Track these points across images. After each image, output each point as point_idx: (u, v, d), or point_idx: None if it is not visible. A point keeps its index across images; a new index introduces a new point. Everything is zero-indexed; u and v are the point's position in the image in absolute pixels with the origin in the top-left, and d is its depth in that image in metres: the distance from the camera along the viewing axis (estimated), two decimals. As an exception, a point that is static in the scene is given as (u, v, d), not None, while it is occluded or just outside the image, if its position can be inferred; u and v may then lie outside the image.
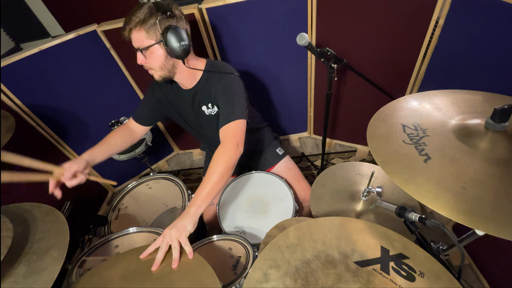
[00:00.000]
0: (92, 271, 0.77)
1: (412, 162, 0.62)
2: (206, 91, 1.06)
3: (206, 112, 1.10)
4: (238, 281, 0.90)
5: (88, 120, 1.71)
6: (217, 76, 1.03)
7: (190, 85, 1.07)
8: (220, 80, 1.02)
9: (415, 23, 1.25)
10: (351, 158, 1.96)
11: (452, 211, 0.51)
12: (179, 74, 1.02)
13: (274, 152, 1.41)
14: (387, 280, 0.60)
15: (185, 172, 2.16)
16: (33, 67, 1.40)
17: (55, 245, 0.70)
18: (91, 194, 1.94)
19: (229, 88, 1.01)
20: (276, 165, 1.38)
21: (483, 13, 1.05)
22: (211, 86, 1.04)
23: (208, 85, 1.05)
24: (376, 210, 1.00)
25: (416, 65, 1.39)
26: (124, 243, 1.05)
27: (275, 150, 1.42)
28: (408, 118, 0.74)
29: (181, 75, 1.02)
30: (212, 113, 1.09)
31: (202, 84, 1.06)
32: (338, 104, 1.77)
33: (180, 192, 1.28)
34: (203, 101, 1.08)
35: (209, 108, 1.08)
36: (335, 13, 1.37)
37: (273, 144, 1.44)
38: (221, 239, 1.06)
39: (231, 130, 0.95)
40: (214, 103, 1.06)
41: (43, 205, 0.82)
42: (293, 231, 0.70)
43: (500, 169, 0.56)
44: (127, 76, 1.70)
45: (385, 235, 0.68)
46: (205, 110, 1.09)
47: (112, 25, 1.45)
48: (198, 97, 1.08)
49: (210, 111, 1.09)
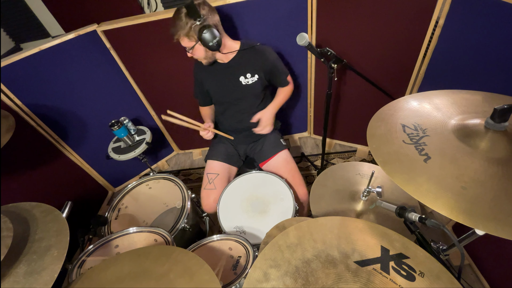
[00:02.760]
0: (92, 271, 0.77)
1: (412, 162, 0.62)
2: (243, 64, 1.29)
3: (243, 82, 1.30)
4: (238, 281, 0.90)
5: (88, 120, 1.71)
6: (253, 50, 1.27)
7: (226, 60, 1.29)
8: (261, 53, 1.28)
9: (415, 23, 1.25)
10: (351, 158, 1.96)
11: (452, 211, 0.51)
12: (218, 56, 1.27)
13: (278, 140, 1.46)
14: (387, 279, 0.60)
15: (185, 172, 2.16)
16: (33, 67, 1.40)
17: (55, 245, 0.70)
18: (91, 194, 1.94)
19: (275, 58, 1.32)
20: (277, 154, 1.40)
21: (483, 13, 1.05)
22: (249, 60, 1.28)
23: (245, 60, 1.28)
24: (376, 210, 1.00)
25: (416, 65, 1.39)
26: (124, 243, 1.05)
27: (279, 139, 1.47)
28: (408, 118, 0.74)
29: (219, 56, 1.27)
30: (248, 82, 1.30)
31: (238, 59, 1.28)
32: (338, 104, 1.77)
33: (180, 192, 1.28)
34: (241, 72, 1.29)
35: (247, 78, 1.29)
36: (335, 13, 1.37)
37: (277, 132, 1.52)
38: (221, 239, 1.06)
39: (290, 79, 1.40)
40: (255, 72, 1.29)
41: (43, 205, 0.82)
42: (293, 231, 0.70)
43: (500, 169, 0.56)
44: (127, 76, 1.70)
45: (385, 235, 0.68)
46: (242, 80, 1.30)
47: (112, 25, 1.44)
48: (234, 69, 1.30)
49: (247, 81, 1.30)
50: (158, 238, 1.04)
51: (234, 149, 1.49)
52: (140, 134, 1.65)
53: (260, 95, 1.36)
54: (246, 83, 1.30)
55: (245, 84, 1.30)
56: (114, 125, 1.48)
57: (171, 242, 1.00)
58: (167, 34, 1.48)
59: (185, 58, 1.25)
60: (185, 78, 1.68)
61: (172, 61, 1.61)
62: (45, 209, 0.81)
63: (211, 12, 1.12)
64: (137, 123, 1.77)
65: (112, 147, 1.62)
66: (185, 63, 1.61)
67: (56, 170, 1.66)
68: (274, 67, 1.31)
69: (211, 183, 1.35)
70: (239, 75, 1.29)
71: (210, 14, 1.12)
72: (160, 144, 2.15)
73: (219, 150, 1.45)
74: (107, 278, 0.73)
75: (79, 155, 1.77)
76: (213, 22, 1.12)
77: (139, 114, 1.90)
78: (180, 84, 1.73)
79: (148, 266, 0.74)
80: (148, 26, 1.44)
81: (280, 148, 1.42)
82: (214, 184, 1.33)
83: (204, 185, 1.36)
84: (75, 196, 1.77)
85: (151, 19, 1.42)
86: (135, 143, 1.59)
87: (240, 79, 1.29)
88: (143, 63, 1.63)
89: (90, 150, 1.80)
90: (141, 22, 1.42)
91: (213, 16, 1.13)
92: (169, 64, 1.62)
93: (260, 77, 1.30)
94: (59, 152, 1.68)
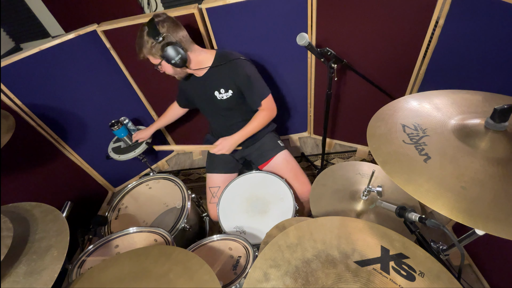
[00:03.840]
0: (92, 271, 0.77)
1: (412, 162, 0.62)
2: (216, 79, 1.24)
3: (218, 97, 1.26)
4: (238, 281, 0.90)
5: (88, 120, 1.71)
6: (227, 66, 1.21)
7: (201, 74, 1.26)
8: (234, 69, 1.21)
9: (415, 23, 1.25)
10: (351, 158, 1.96)
11: (452, 211, 0.51)
12: (190, 71, 1.24)
13: (275, 142, 1.43)
14: (387, 279, 0.60)
15: (185, 172, 2.16)
16: (33, 67, 1.40)
17: (55, 245, 0.70)
18: (91, 194, 1.94)
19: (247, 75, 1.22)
20: (276, 156, 1.39)
21: (483, 13, 1.05)
22: (222, 74, 1.22)
23: (218, 74, 1.23)
24: (376, 210, 1.00)
25: (416, 65, 1.39)
26: (124, 243, 1.05)
27: (276, 140, 1.44)
28: (408, 118, 0.74)
29: (192, 71, 1.24)
30: (223, 97, 1.26)
31: (211, 74, 1.24)
32: (338, 104, 1.77)
33: (180, 192, 1.28)
34: (214, 87, 1.25)
35: (221, 93, 1.25)
36: (335, 13, 1.37)
37: (274, 134, 1.47)
38: (221, 239, 1.06)
39: (267, 104, 1.28)
40: (229, 88, 1.24)
41: (43, 205, 0.82)
42: (293, 231, 0.70)
43: (500, 169, 0.56)
44: (127, 76, 1.70)
45: (385, 235, 0.68)
46: (217, 95, 1.26)
47: (112, 25, 1.44)
48: (208, 83, 1.26)
49: (221, 96, 1.26)
50: (158, 238, 1.04)
51: (230, 155, 1.46)
52: (140, 134, 1.65)
53: (241, 108, 1.32)
54: (221, 98, 1.26)
55: (220, 99, 1.27)
56: (114, 125, 1.48)
57: (171, 242, 1.00)
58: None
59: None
60: (185, 78, 1.68)
61: (172, 61, 1.61)
62: (45, 209, 0.81)
63: (173, 28, 1.10)
64: (137, 123, 1.77)
65: (112, 147, 1.62)
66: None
67: (56, 170, 1.66)
68: (245, 85, 1.23)
69: (214, 197, 1.37)
70: (213, 89, 1.26)
71: (173, 30, 1.09)
72: (160, 144, 2.15)
73: (216, 162, 1.44)
74: (107, 278, 0.73)
75: (79, 155, 1.77)
76: (177, 38, 1.10)
77: (139, 114, 1.90)
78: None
79: (148, 266, 0.74)
80: (148, 26, 1.44)
81: (278, 149, 1.40)
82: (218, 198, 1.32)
83: (209, 199, 1.38)
84: (75, 196, 1.77)
85: (151, 19, 1.42)
86: (135, 143, 1.59)
87: (215, 94, 1.26)
88: (143, 63, 1.62)
89: (90, 150, 1.79)
90: (141, 22, 1.42)
91: (176, 33, 1.10)
92: (169, 64, 1.62)
93: (234, 92, 1.25)
94: (59, 152, 1.68)
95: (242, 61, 1.22)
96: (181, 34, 1.13)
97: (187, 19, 1.41)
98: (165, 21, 1.08)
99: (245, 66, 1.23)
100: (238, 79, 1.22)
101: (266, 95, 1.27)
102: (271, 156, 1.39)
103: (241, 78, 1.21)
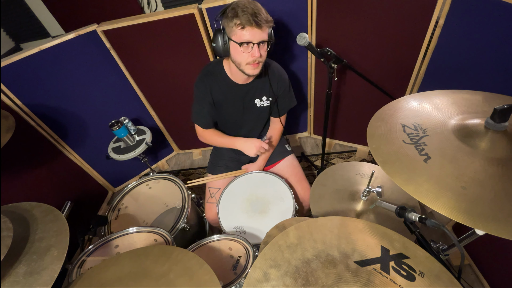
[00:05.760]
0: (92, 271, 0.77)
1: (412, 162, 0.62)
2: (260, 87, 1.23)
3: (258, 105, 1.27)
4: (238, 281, 0.90)
5: (88, 120, 1.71)
6: (271, 73, 1.21)
7: (245, 81, 1.20)
8: (278, 76, 1.23)
9: (415, 23, 1.25)
10: (351, 158, 1.96)
11: (452, 211, 0.51)
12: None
13: (283, 146, 1.45)
14: (387, 279, 0.60)
15: (185, 172, 2.16)
16: (33, 67, 1.40)
17: (55, 245, 0.70)
18: (91, 194, 1.94)
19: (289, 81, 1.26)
20: (283, 159, 1.41)
21: (483, 13, 1.05)
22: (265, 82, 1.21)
23: (262, 81, 1.21)
24: (376, 210, 1.00)
25: (416, 65, 1.39)
26: (124, 243, 1.05)
27: (284, 145, 1.46)
28: (408, 118, 0.74)
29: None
30: (263, 105, 1.27)
31: (257, 82, 1.21)
32: (338, 104, 1.77)
33: (180, 192, 1.28)
34: (257, 95, 1.24)
35: (262, 100, 1.26)
36: (335, 13, 1.37)
37: (282, 139, 1.49)
38: (221, 239, 1.06)
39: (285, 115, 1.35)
40: (270, 95, 1.25)
41: (43, 205, 0.82)
42: (293, 231, 0.70)
43: (500, 169, 0.56)
44: (127, 76, 1.70)
45: (385, 235, 0.68)
46: (258, 102, 1.26)
47: (112, 25, 1.44)
48: (251, 91, 1.23)
49: (261, 103, 1.26)
50: (158, 238, 1.04)
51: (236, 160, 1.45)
52: (140, 134, 1.65)
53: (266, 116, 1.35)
54: (261, 105, 1.27)
55: (259, 106, 1.27)
56: (114, 125, 1.48)
57: (171, 242, 1.00)
58: (167, 34, 1.49)
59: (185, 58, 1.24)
60: (185, 78, 1.68)
61: (172, 61, 1.61)
62: (45, 209, 0.81)
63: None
64: (137, 123, 1.77)
65: (112, 147, 1.62)
66: (185, 63, 1.61)
67: (56, 170, 1.66)
68: (285, 91, 1.27)
69: (212, 197, 1.36)
70: (255, 97, 1.24)
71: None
72: (160, 144, 2.15)
73: (219, 166, 1.43)
74: (107, 278, 0.73)
75: (79, 155, 1.77)
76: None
77: (139, 114, 1.90)
78: (180, 84, 1.72)
79: (148, 266, 0.74)
80: (148, 26, 1.44)
81: (286, 154, 1.42)
82: (215, 198, 1.32)
83: (206, 199, 1.37)
84: (75, 196, 1.77)
85: (151, 19, 1.41)
86: (135, 143, 1.59)
87: (255, 101, 1.25)
88: (143, 63, 1.63)
89: (90, 150, 1.79)
90: (141, 22, 1.42)
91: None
92: (169, 64, 1.62)
93: (271, 101, 1.27)
94: (59, 152, 1.68)
95: (280, 67, 1.25)
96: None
97: (187, 19, 1.41)
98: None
99: (284, 72, 1.25)
100: (281, 86, 1.24)
101: (294, 104, 1.33)
102: (278, 160, 1.41)
103: (285, 84, 1.25)
